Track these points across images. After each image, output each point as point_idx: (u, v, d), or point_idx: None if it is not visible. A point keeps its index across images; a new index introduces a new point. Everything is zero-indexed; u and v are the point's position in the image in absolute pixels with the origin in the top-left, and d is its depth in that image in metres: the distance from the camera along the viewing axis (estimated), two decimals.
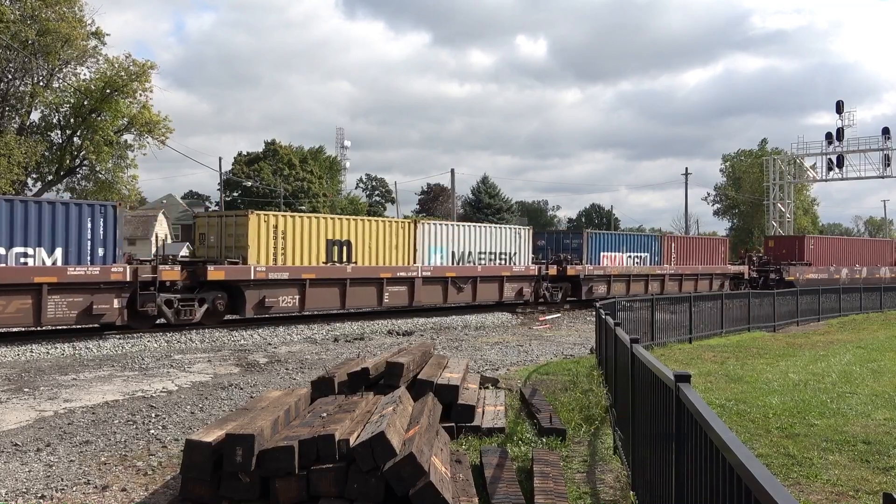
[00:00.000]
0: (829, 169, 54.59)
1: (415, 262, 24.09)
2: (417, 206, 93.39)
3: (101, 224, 17.48)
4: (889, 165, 51.61)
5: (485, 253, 26.73)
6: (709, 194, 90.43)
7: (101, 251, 17.46)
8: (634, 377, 5.92)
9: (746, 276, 39.04)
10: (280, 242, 20.53)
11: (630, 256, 32.85)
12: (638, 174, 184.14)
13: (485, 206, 76.65)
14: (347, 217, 23.15)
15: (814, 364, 14.53)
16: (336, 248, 21.92)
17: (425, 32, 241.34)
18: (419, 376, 8.59)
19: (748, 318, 21.53)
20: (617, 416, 7.79)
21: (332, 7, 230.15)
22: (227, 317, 20.55)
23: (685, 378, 3.86)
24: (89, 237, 17.27)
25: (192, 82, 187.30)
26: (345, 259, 22.08)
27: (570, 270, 29.79)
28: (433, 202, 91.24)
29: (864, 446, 7.93)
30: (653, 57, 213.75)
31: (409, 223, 24.42)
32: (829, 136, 53.87)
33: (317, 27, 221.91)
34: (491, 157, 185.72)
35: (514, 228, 28.58)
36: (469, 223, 29.28)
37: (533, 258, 29.42)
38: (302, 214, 21.67)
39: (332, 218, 22.39)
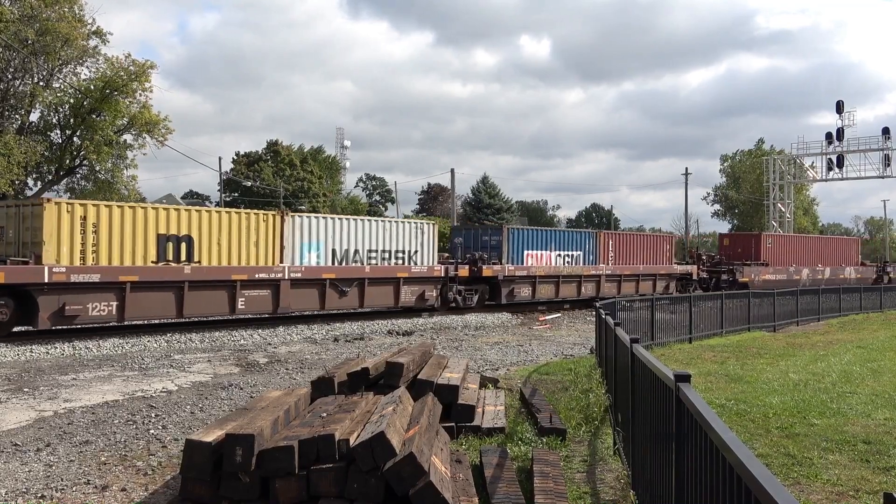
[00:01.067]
0: (829, 169, 54.65)
1: (281, 262, 20.72)
2: (417, 206, 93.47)
3: None
4: (889, 165, 51.65)
5: (376, 251, 23.32)
6: (708, 194, 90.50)
7: None
8: (634, 377, 5.92)
9: (695, 277, 36.09)
10: (91, 237, 17.16)
11: (560, 255, 29.64)
12: (640, 174, 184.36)
13: (485, 206, 76.65)
14: (186, 208, 19.84)
15: (814, 364, 14.54)
16: (171, 244, 18.57)
17: (429, 32, 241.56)
18: (419, 376, 8.59)
19: (748, 317, 21.53)
20: (617, 415, 7.78)
21: (335, 7, 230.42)
22: (17, 328, 17.30)
23: (685, 378, 3.86)
24: None
25: (196, 82, 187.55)
26: (184, 258, 18.76)
27: (486, 271, 26.44)
28: (433, 202, 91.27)
29: (865, 446, 7.93)
30: (657, 57, 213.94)
31: (272, 216, 21.00)
32: (829, 136, 53.92)
33: (321, 27, 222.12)
34: (493, 157, 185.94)
35: (416, 223, 25.16)
36: (356, 216, 25.39)
37: (446, 257, 27.21)
38: (123, 204, 18.71)
39: (164, 209, 18.99)
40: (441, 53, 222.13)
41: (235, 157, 73.55)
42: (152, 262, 18.31)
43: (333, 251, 22.28)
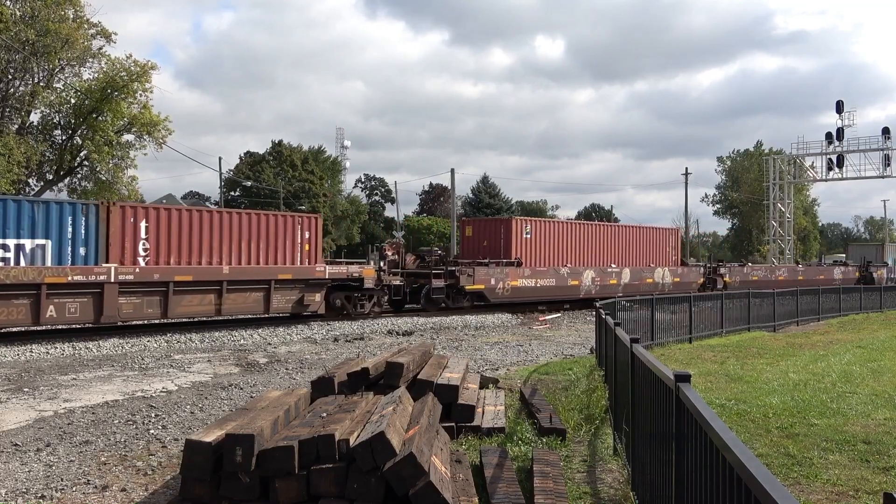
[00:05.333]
0: (829, 169, 54.64)
1: None
2: (418, 207, 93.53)
3: None
4: (889, 165, 51.64)
5: None
6: (706, 195, 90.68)
7: None
8: (634, 377, 5.92)
9: (374, 285, 23.42)
10: None
11: None
12: (647, 174, 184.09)
13: (485, 205, 76.71)
14: None
15: (814, 364, 14.53)
16: None
17: (445, 30, 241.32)
18: (419, 376, 8.59)
19: (748, 317, 21.53)
20: (617, 415, 7.78)
21: (352, 7, 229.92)
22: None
23: (685, 378, 3.86)
24: None
25: (207, 82, 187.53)
26: None
27: None
28: (434, 202, 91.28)
29: (864, 446, 7.93)
30: (671, 57, 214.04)
31: None
32: (828, 136, 53.93)
33: (337, 27, 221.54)
34: (500, 157, 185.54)
35: None
36: None
37: None
38: None
39: None
40: (456, 53, 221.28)
41: (243, 157, 73.62)
42: None
43: None
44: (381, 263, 24.57)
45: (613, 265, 31.51)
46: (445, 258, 26.47)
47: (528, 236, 28.47)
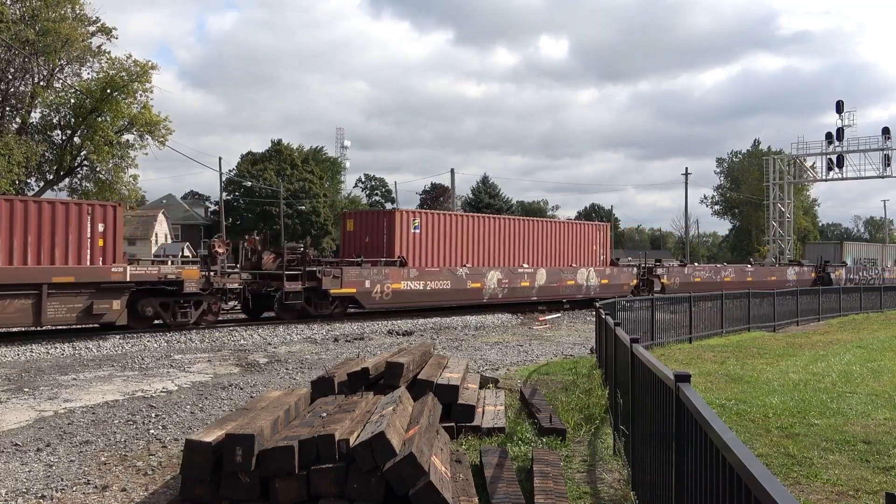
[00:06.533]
0: (829, 169, 54.67)
1: None
2: (418, 207, 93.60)
3: None
4: (889, 165, 51.66)
5: None
6: (705, 197, 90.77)
7: None
8: (634, 377, 5.92)
9: (200, 288, 19.30)
10: None
11: None
12: (648, 174, 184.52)
13: (484, 205, 76.76)
14: None
15: (814, 364, 14.53)
16: None
17: (450, 30, 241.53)
18: (419, 376, 8.59)
19: (748, 317, 21.53)
20: (617, 415, 7.78)
21: (356, 7, 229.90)
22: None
23: (685, 378, 3.86)
24: None
25: (210, 82, 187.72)
26: None
27: None
28: (434, 202, 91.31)
29: (864, 446, 7.93)
30: (675, 57, 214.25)
31: None
32: (829, 136, 53.95)
33: (341, 27, 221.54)
34: (502, 157, 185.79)
35: None
36: None
37: None
38: None
39: None
40: (460, 53, 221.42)
41: (244, 157, 73.62)
42: None
43: None
44: (212, 261, 20.09)
45: (526, 265, 27.62)
46: (305, 256, 22.47)
47: (417, 231, 24.50)
